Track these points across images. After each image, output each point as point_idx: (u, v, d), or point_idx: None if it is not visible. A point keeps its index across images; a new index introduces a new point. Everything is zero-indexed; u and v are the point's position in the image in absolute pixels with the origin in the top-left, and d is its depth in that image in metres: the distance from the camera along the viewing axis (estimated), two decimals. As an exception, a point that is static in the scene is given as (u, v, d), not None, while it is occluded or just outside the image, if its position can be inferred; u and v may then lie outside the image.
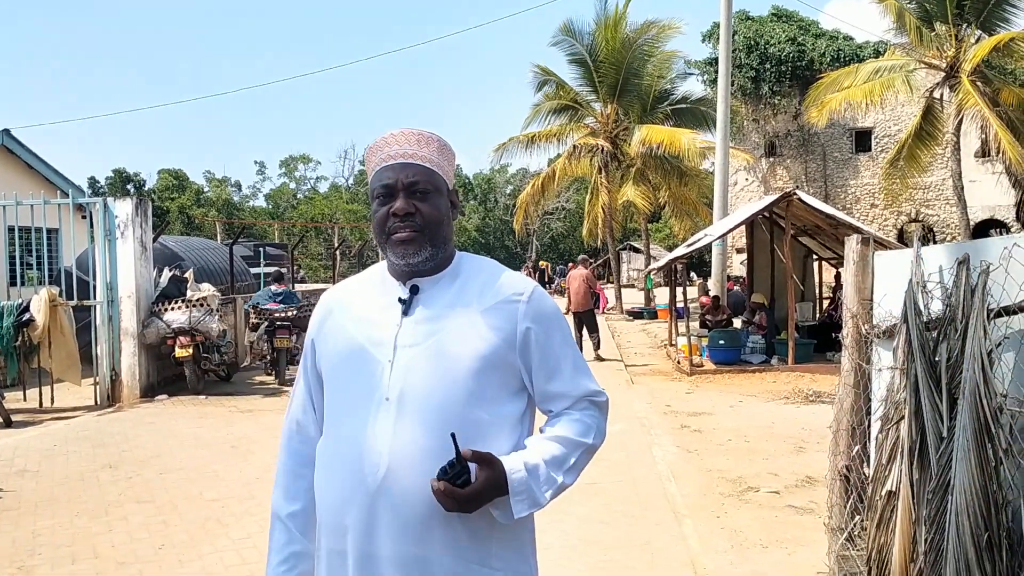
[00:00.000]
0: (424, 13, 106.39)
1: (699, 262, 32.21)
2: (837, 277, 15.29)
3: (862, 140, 30.16)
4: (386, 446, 1.53)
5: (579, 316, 13.07)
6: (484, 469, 1.48)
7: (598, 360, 12.80)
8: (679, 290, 14.53)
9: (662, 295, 21.05)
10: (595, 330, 13.24)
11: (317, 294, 13.61)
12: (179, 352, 9.50)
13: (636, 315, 22.43)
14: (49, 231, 12.82)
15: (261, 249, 24.00)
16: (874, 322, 3.25)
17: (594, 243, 28.52)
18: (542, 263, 43.85)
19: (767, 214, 13.26)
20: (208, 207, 48.77)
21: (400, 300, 1.63)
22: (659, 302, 22.00)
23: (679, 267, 15.64)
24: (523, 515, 1.53)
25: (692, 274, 30.44)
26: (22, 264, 11.23)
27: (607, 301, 24.54)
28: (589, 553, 4.41)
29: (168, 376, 10.17)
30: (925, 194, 29.04)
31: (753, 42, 29.30)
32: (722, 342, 12.21)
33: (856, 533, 3.13)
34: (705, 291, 19.44)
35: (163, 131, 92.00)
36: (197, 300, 9.76)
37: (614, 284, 25.48)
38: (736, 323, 14.71)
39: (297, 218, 49.13)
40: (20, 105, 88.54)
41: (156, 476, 6.08)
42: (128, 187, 49.93)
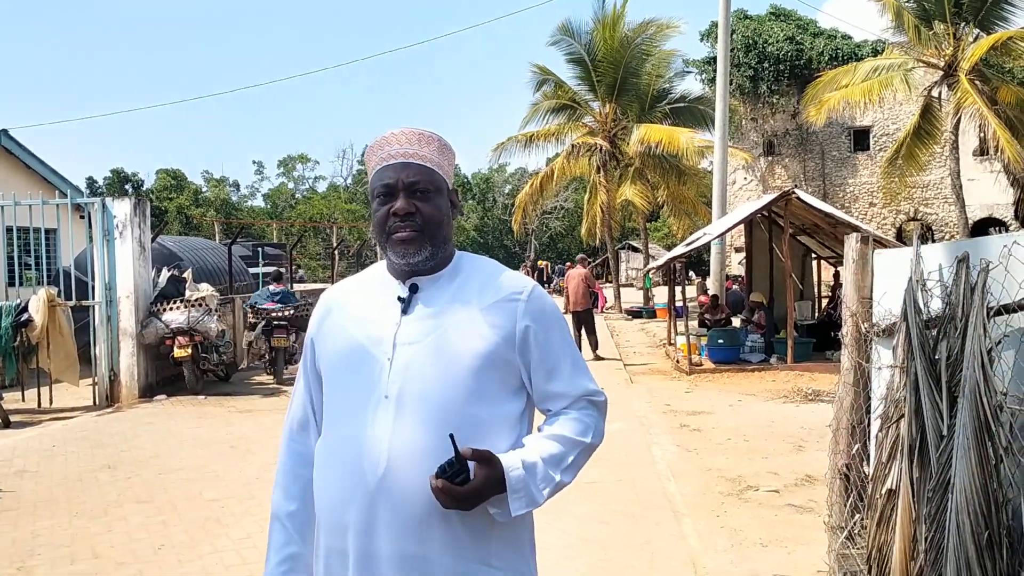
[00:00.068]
0: (423, 13, 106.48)
1: (698, 261, 32.24)
2: (836, 276, 15.30)
3: (860, 139, 30.20)
4: (385, 444, 1.53)
5: (578, 315, 13.07)
6: (483, 467, 1.48)
7: (597, 359, 12.80)
8: (678, 289, 14.55)
9: (661, 294, 21.03)
10: (593, 330, 13.24)
11: (316, 294, 13.61)
12: (178, 352, 9.50)
13: (635, 314, 22.43)
14: (47, 231, 12.83)
15: (259, 249, 24.04)
16: (874, 320, 3.26)
17: (593, 242, 28.51)
18: (541, 262, 43.87)
19: (766, 213, 13.26)
20: (206, 207, 48.71)
21: (399, 299, 1.63)
22: (658, 301, 22.00)
23: (678, 266, 15.65)
24: (520, 513, 1.53)
25: (691, 273, 30.46)
26: (20, 264, 11.20)
27: (606, 300, 24.53)
28: (589, 552, 4.41)
29: (167, 376, 10.16)
30: (923, 193, 29.09)
31: (751, 41, 29.32)
32: (721, 341, 12.22)
33: (856, 531, 3.13)
34: (704, 290, 19.42)
35: (161, 131, 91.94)
36: (196, 300, 9.75)
37: (613, 283, 25.45)
38: (735, 322, 14.72)
39: (295, 218, 49.08)
40: (19, 105, 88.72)
41: (155, 476, 6.07)
42: (126, 187, 49.88)
